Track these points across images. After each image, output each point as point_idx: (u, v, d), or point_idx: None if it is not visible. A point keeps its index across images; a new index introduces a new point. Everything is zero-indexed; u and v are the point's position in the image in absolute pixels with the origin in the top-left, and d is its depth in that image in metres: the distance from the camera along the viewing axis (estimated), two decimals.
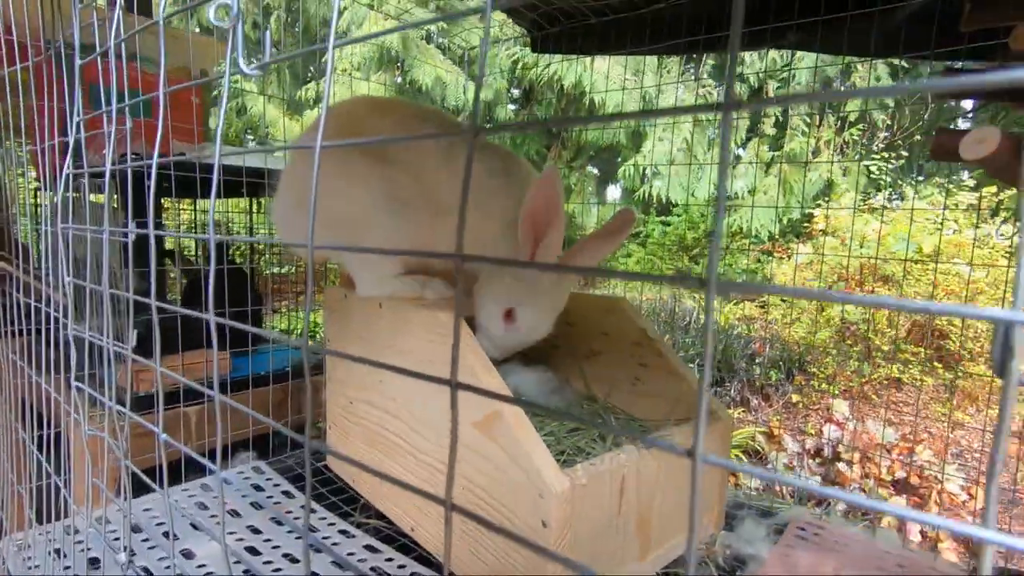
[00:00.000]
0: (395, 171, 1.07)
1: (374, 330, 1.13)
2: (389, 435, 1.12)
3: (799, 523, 1.16)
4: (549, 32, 1.56)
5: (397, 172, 1.07)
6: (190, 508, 1.17)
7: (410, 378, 1.08)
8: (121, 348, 0.49)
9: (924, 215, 3.96)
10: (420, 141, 1.11)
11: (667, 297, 4.97)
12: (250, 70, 0.33)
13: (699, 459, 0.22)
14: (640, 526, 0.93)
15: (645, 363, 1.20)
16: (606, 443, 0.99)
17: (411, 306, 1.03)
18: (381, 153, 1.08)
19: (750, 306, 4.89)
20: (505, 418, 0.83)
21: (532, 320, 1.04)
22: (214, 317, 0.35)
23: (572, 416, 0.27)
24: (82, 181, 1.02)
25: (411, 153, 1.09)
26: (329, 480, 1.32)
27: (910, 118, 5.70)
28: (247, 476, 1.33)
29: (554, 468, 0.80)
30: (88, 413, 1.38)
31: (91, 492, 0.58)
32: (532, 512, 0.80)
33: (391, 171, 1.07)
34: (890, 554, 1.08)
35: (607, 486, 0.86)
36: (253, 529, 1.09)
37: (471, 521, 0.91)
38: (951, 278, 3.77)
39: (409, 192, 1.07)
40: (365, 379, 1.19)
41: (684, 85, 6.05)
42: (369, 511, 1.19)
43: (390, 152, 1.08)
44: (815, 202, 5.10)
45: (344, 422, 1.29)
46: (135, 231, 0.42)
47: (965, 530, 0.18)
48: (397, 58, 6.47)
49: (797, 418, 3.62)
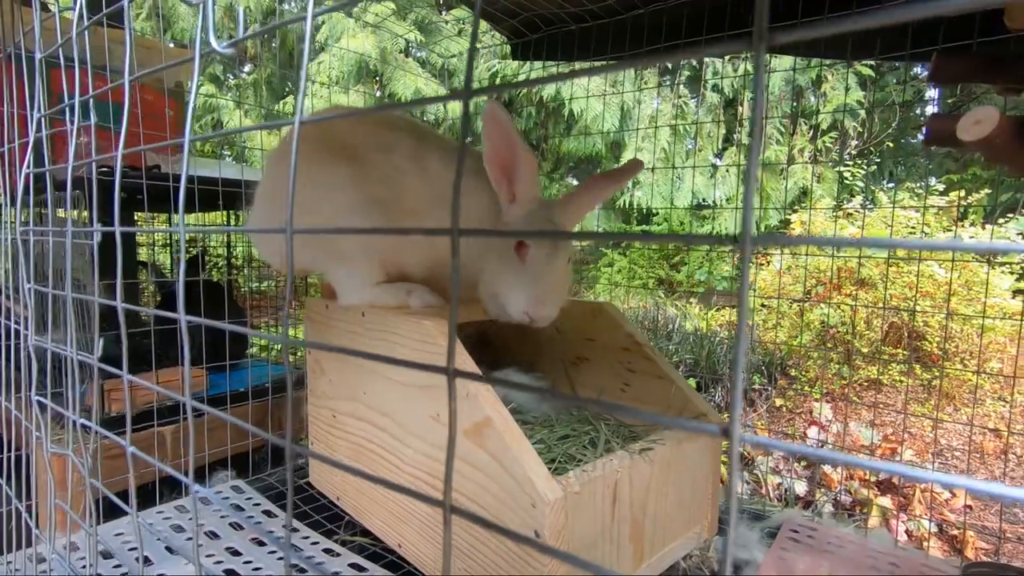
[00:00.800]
0: (367, 172, 1.06)
1: (357, 340, 1.10)
2: (374, 447, 1.09)
3: (792, 525, 1.15)
4: (529, 39, 1.57)
5: (369, 172, 1.06)
6: (165, 531, 1.11)
7: (395, 388, 1.04)
8: (86, 358, 0.46)
9: (897, 219, 4.05)
10: (389, 143, 1.10)
11: (650, 304, 4.99)
12: (221, 47, 0.31)
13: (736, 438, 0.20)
14: (634, 533, 0.91)
15: (633, 368, 1.19)
16: (597, 449, 0.97)
17: (395, 315, 1.01)
18: (352, 157, 1.07)
19: (732, 313, 4.93)
20: (495, 426, 0.81)
21: (545, 244, 0.96)
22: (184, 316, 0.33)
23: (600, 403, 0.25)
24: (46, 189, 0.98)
25: (382, 156, 1.09)
26: (312, 498, 1.28)
27: (880, 126, 5.86)
28: (226, 496, 1.28)
29: (546, 476, 0.78)
30: (57, 435, 1.32)
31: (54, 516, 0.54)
32: (524, 522, 0.77)
33: (363, 172, 1.06)
34: (883, 553, 1.07)
35: (600, 493, 0.84)
36: (232, 551, 1.04)
37: (461, 534, 0.88)
38: (925, 280, 3.85)
39: (381, 193, 1.06)
40: (348, 392, 1.15)
41: (661, 95, 6.14)
42: (354, 528, 1.15)
43: (360, 155, 1.08)
44: (792, 208, 5.19)
45: (327, 437, 1.25)
46: (99, 229, 0.39)
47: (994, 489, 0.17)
48: (376, 71, 6.46)
49: (781, 422, 3.64)
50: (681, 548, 1.03)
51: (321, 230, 0.45)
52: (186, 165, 0.34)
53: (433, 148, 1.12)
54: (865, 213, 4.25)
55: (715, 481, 1.10)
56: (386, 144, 1.10)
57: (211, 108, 6.57)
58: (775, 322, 4.16)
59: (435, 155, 1.11)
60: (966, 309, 3.62)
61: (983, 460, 3.28)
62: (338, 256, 1.10)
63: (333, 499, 1.25)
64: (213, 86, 6.86)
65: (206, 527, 1.12)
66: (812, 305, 4.10)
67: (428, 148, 1.11)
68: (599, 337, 1.25)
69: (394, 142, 1.11)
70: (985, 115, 0.65)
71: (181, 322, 0.34)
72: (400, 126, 1.15)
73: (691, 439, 1.01)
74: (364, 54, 5.87)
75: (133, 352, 1.81)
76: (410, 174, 1.08)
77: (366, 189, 1.06)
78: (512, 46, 1.63)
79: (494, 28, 1.65)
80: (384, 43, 6.01)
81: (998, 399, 3.72)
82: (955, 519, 2.68)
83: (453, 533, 0.91)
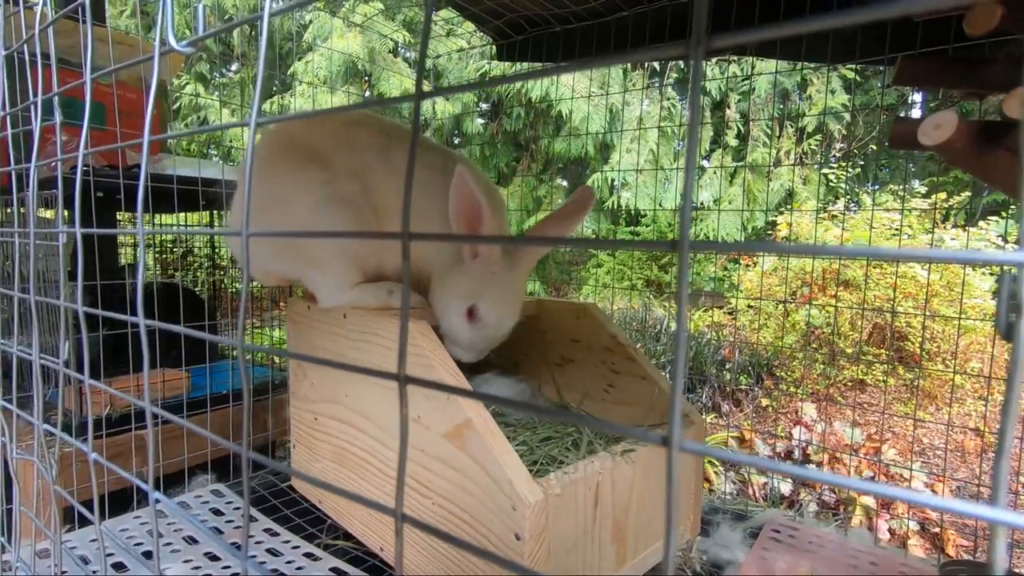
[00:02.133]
0: (334, 172, 1.05)
1: (338, 342, 1.09)
2: (357, 451, 1.08)
3: (774, 525, 1.16)
4: (515, 40, 1.57)
5: (336, 172, 1.05)
6: (141, 536, 1.10)
7: (376, 390, 1.03)
8: (50, 362, 0.45)
9: (880, 221, 4.10)
10: (354, 141, 1.09)
11: (638, 305, 5.01)
12: (180, 46, 0.31)
13: (674, 446, 0.20)
14: (616, 535, 0.91)
15: (617, 369, 1.19)
16: (580, 451, 0.97)
17: (377, 316, 1.00)
18: (319, 158, 1.06)
19: (719, 313, 4.96)
20: (476, 428, 0.80)
21: (496, 313, 1.01)
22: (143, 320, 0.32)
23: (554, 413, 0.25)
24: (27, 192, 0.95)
25: (349, 154, 1.07)
26: (294, 501, 1.26)
27: (864, 129, 5.93)
28: (205, 500, 1.26)
29: (527, 478, 0.78)
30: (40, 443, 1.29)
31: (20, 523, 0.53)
32: (505, 525, 0.77)
33: (330, 173, 1.05)
34: (863, 552, 1.08)
35: (582, 495, 0.84)
36: (211, 556, 1.03)
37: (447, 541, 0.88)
38: (908, 281, 3.91)
39: (350, 192, 1.05)
40: (330, 394, 1.14)
41: (649, 98, 6.17)
42: (336, 532, 1.14)
43: (328, 156, 1.07)
44: (778, 210, 5.24)
45: (310, 440, 1.24)
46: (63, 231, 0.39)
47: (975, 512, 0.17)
48: (364, 71, 6.43)
49: (767, 422, 3.67)
50: (663, 550, 1.03)
51: (277, 234, 0.44)
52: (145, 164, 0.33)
53: (399, 144, 1.10)
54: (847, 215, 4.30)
55: (698, 482, 1.11)
56: (352, 142, 1.09)
57: (196, 107, 6.50)
58: (760, 323, 4.20)
59: (401, 150, 1.09)
60: (947, 310, 3.68)
61: (964, 459, 3.33)
62: (312, 262, 1.09)
63: (315, 502, 1.24)
64: (200, 85, 6.78)
65: (185, 532, 1.11)
66: (797, 306, 4.14)
67: (394, 144, 1.10)
68: (583, 338, 1.25)
69: (360, 140, 1.09)
70: (945, 120, 0.66)
71: (141, 325, 0.33)
72: (365, 123, 1.14)
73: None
74: (352, 54, 5.84)
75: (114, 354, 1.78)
76: (377, 172, 1.07)
77: (334, 189, 1.04)
78: (497, 47, 1.63)
79: (479, 29, 1.65)
80: (372, 43, 5.98)
81: (979, 398, 3.78)
82: (936, 517, 2.72)
83: (437, 539, 0.90)
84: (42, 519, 0.49)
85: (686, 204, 0.19)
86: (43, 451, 0.45)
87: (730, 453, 0.21)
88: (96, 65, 1.94)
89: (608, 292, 4.56)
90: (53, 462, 0.45)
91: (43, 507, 1.13)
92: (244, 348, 0.30)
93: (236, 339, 0.29)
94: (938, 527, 2.65)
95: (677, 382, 0.20)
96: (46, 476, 0.45)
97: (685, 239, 0.19)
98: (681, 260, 0.19)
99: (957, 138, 0.66)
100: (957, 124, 0.66)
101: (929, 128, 0.68)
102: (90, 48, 0.42)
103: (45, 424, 0.44)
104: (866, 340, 4.08)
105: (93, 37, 1.69)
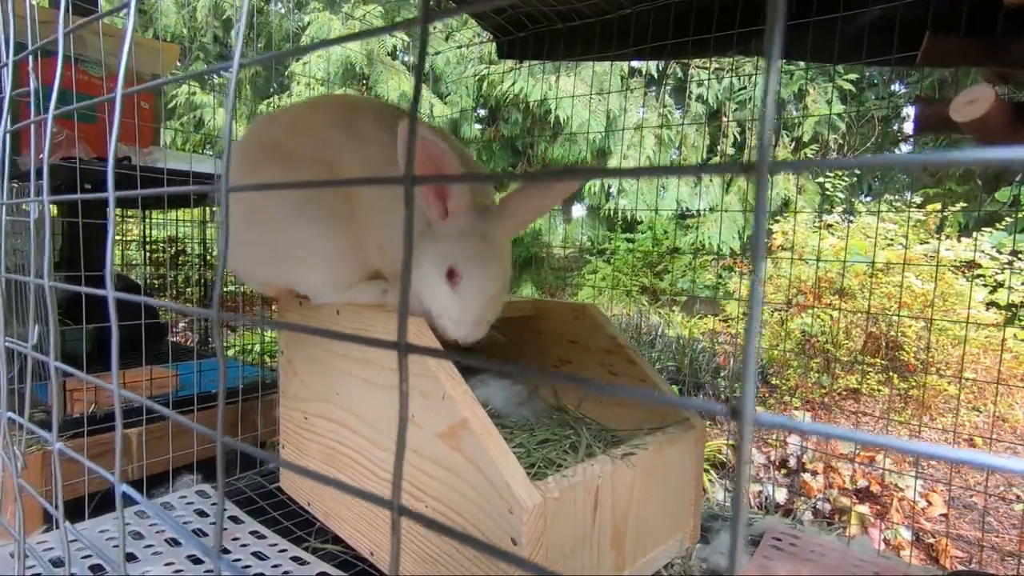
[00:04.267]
0: (297, 165, 1.00)
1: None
2: (347, 451, 1.05)
3: (775, 533, 1.13)
4: (516, 37, 1.55)
5: (299, 166, 1.00)
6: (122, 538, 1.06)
7: (368, 389, 1.00)
8: (19, 346, 0.42)
9: (874, 231, 4.11)
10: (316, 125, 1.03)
11: (633, 312, 5.00)
12: None
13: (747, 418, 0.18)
14: (615, 540, 0.88)
15: (615, 372, 1.16)
16: (578, 454, 0.94)
17: (371, 311, 0.97)
18: (280, 153, 1.01)
19: (714, 320, 4.96)
20: (472, 428, 0.77)
21: (478, 273, 0.89)
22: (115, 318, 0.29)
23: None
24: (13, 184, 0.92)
25: (310, 139, 1.02)
26: (282, 503, 1.23)
27: (859, 139, 5.97)
28: (190, 501, 1.22)
29: (524, 481, 0.75)
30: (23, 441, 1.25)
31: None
32: (502, 529, 0.74)
33: (293, 167, 1.00)
34: (865, 562, 1.06)
35: (581, 499, 0.81)
36: (194, 559, 0.99)
37: (438, 543, 0.84)
38: (903, 291, 3.91)
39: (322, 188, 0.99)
40: (321, 393, 1.11)
41: (647, 105, 6.19)
42: (325, 536, 1.10)
43: (289, 149, 1.02)
44: (774, 219, 5.25)
45: (299, 440, 1.20)
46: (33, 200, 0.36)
47: None
48: (362, 74, 6.41)
49: (761, 430, 3.65)
50: (663, 556, 1.00)
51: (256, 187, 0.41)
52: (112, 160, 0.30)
53: (364, 110, 1.04)
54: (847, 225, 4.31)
55: (698, 488, 1.08)
56: (311, 124, 1.04)
57: (192, 107, 6.46)
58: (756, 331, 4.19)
59: (366, 116, 1.02)
60: (942, 321, 3.68)
61: (958, 470, 3.31)
62: (300, 263, 1.04)
63: (304, 505, 1.20)
64: (196, 84, 6.74)
65: (167, 534, 1.07)
66: (793, 314, 4.14)
67: (358, 113, 1.03)
68: (581, 339, 1.22)
69: (322, 122, 1.04)
70: (980, 94, 0.63)
71: (110, 296, 0.30)
72: (322, 103, 1.09)
73: (673, 444, 0.99)
74: (350, 56, 5.83)
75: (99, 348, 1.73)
76: (342, 148, 1.00)
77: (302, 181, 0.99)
78: (498, 44, 1.60)
79: (479, 24, 1.63)
80: (370, 45, 5.97)
81: (972, 409, 3.78)
82: (931, 528, 2.70)
83: (430, 543, 0.87)
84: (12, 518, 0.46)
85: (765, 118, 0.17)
86: (7, 442, 0.42)
87: (802, 424, 0.19)
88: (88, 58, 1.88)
89: (603, 298, 4.54)
90: (18, 453, 0.42)
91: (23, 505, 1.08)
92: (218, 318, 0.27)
93: (211, 311, 0.26)
94: (933, 538, 2.63)
95: (749, 348, 0.18)
96: (9, 468, 0.42)
97: (764, 161, 0.16)
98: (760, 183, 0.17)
99: (993, 113, 0.63)
100: (994, 99, 0.63)
101: (961, 104, 0.64)
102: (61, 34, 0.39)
103: (9, 413, 0.41)
104: (860, 350, 4.07)
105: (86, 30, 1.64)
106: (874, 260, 2.99)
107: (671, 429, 1.02)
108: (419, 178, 0.22)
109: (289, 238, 1.01)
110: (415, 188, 0.28)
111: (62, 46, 0.44)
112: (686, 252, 5.56)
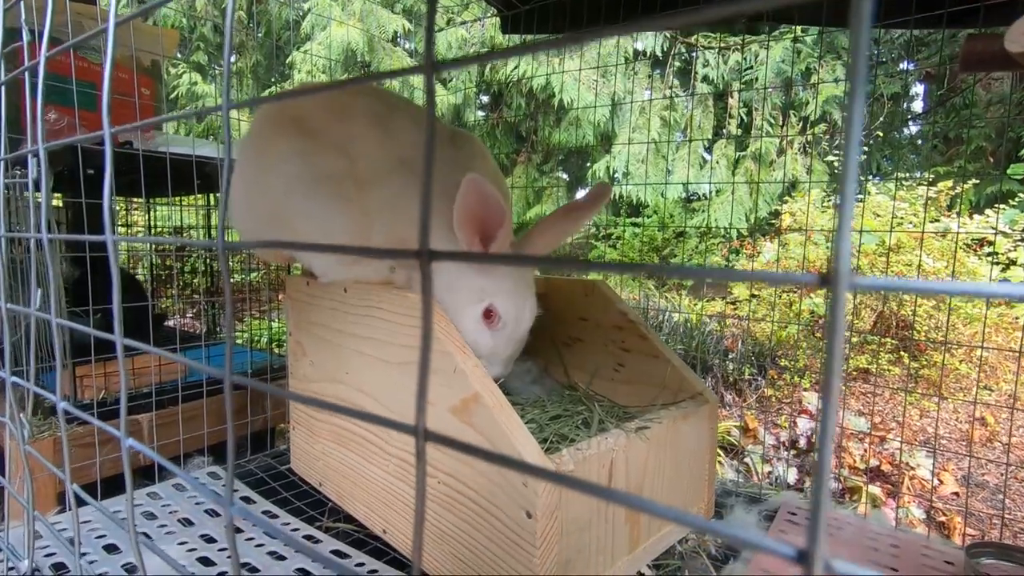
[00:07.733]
0: (320, 144, 0.98)
1: (339, 317, 1.05)
2: (358, 430, 1.04)
3: (790, 508, 1.12)
4: (520, 11, 1.51)
5: (322, 145, 0.98)
6: (136, 517, 1.06)
7: (378, 367, 0.99)
8: (20, 310, 0.41)
9: (885, 209, 4.06)
10: (348, 109, 1.01)
11: (640, 296, 4.97)
12: None
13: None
14: (630, 515, 0.87)
15: (627, 348, 1.15)
16: (591, 429, 0.93)
17: (378, 289, 0.96)
18: (305, 127, 1.00)
19: (722, 303, 4.93)
20: (484, 402, 0.76)
21: (515, 309, 0.93)
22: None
23: None
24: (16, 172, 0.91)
25: (339, 125, 1.00)
26: (293, 484, 1.23)
27: (868, 119, 5.87)
28: (202, 482, 1.22)
29: (538, 453, 0.74)
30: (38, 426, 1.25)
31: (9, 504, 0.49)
32: (516, 502, 0.73)
33: (314, 145, 0.98)
34: (882, 535, 1.05)
35: (595, 472, 0.80)
36: (207, 538, 0.99)
37: (453, 519, 0.84)
38: (913, 270, 3.86)
39: (334, 168, 0.98)
40: (330, 374, 1.10)
41: (652, 87, 6.11)
42: (337, 515, 1.10)
43: (315, 126, 1.00)
44: (781, 200, 5.19)
45: (310, 421, 1.20)
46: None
47: None
48: (363, 61, 6.35)
49: (771, 412, 3.63)
50: (678, 531, 0.99)
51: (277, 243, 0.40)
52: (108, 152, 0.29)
53: (402, 110, 1.03)
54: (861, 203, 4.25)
55: (712, 463, 1.07)
56: (345, 110, 1.01)
57: (194, 97, 6.43)
58: (764, 313, 4.16)
59: (402, 115, 1.01)
60: (955, 300, 3.64)
61: (968, 448, 3.29)
62: (301, 237, 1.02)
63: (315, 485, 1.20)
64: (198, 74, 6.71)
65: (180, 514, 1.07)
66: (803, 295, 4.10)
67: (395, 111, 1.02)
68: (592, 316, 1.21)
69: (354, 107, 1.01)
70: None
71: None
72: (365, 92, 1.06)
73: (686, 419, 0.98)
74: (351, 43, 5.77)
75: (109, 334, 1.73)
76: (368, 140, 0.98)
77: (315, 163, 0.98)
78: (502, 19, 1.57)
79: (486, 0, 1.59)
80: (372, 31, 5.92)
81: (983, 388, 3.74)
82: (943, 506, 2.69)
83: (443, 519, 0.86)
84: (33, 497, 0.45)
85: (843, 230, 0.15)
86: (13, 410, 0.41)
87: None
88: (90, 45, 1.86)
89: (610, 282, 4.52)
90: (25, 421, 0.41)
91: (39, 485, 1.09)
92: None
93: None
94: (944, 516, 2.62)
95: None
96: (16, 435, 0.41)
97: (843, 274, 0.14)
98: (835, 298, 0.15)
99: None
100: None
101: (1018, 34, 0.60)
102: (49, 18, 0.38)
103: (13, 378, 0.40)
104: (870, 329, 4.04)
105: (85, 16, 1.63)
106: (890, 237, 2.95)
107: (684, 404, 1.01)
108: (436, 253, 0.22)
109: (297, 219, 1.00)
110: None
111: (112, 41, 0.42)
112: (692, 236, 5.52)
